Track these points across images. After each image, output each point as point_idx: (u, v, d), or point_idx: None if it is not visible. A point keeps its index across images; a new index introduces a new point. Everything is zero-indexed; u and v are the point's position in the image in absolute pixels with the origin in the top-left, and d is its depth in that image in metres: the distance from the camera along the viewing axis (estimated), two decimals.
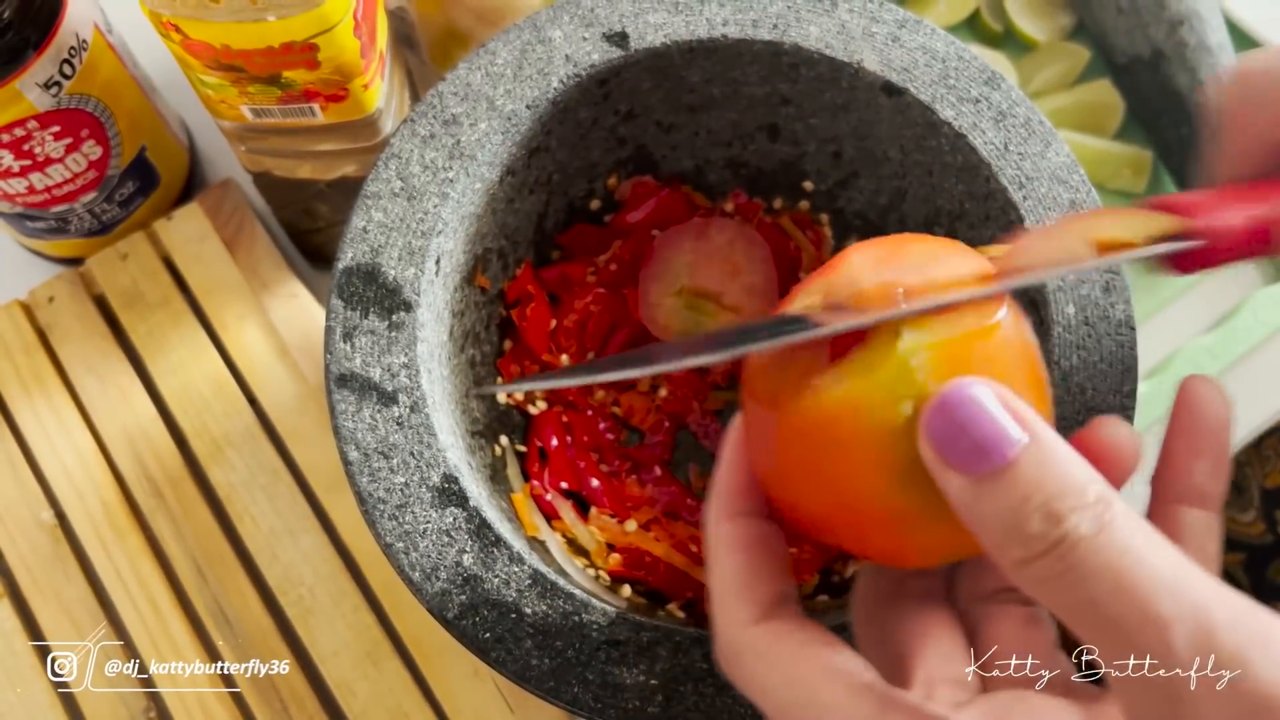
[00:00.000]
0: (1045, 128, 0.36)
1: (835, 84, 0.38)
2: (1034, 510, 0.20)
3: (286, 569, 0.42)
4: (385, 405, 0.33)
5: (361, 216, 0.35)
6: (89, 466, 0.44)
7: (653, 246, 0.43)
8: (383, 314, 0.34)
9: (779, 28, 0.37)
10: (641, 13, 0.37)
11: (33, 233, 0.47)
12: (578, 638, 0.30)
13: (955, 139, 0.36)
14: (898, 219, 0.41)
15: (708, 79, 0.39)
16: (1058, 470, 0.21)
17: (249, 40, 0.35)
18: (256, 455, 0.44)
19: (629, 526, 0.39)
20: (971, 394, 0.21)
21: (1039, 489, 0.20)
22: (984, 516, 0.21)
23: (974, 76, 0.36)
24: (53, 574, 0.43)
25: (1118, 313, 0.34)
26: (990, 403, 0.21)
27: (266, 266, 0.47)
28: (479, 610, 0.31)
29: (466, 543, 0.31)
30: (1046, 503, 0.20)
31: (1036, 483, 0.20)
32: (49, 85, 0.40)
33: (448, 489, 0.32)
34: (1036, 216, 0.35)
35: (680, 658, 0.30)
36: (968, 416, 0.21)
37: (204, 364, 0.45)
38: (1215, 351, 0.50)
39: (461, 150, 0.36)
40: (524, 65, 0.37)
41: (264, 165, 0.43)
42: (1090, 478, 0.21)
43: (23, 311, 0.47)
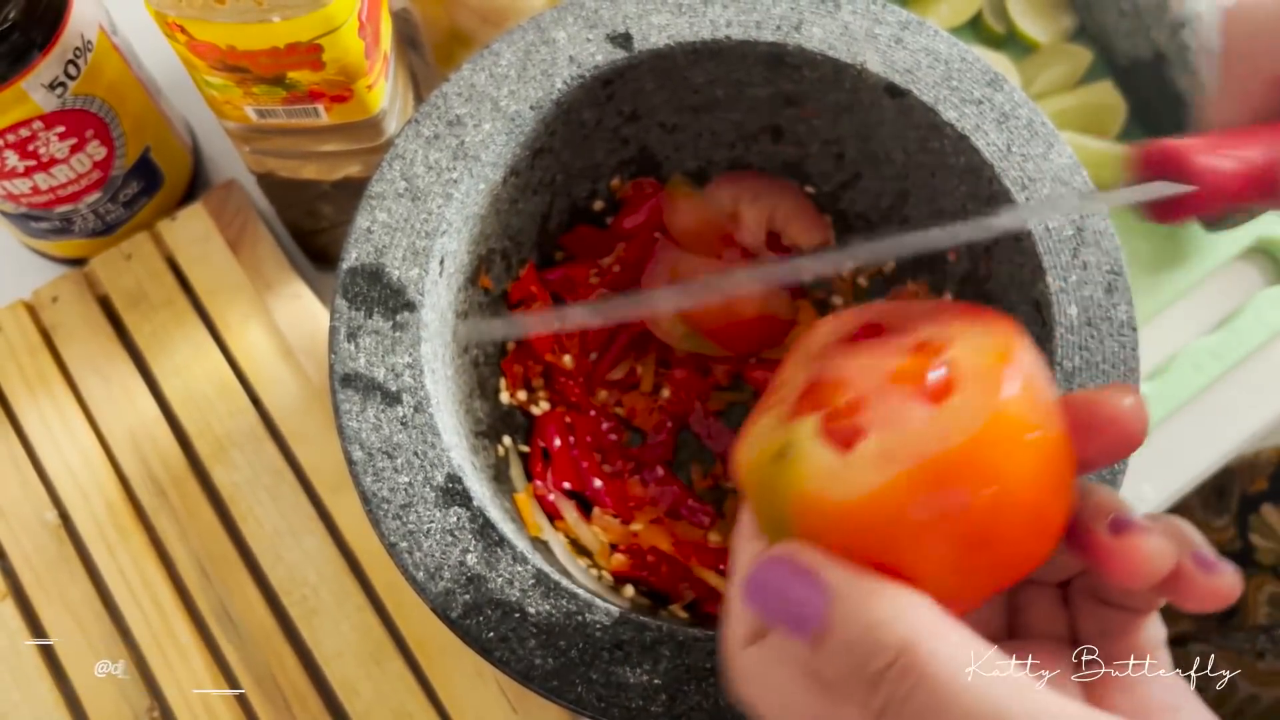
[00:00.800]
0: (1048, 129, 0.36)
1: (838, 85, 0.38)
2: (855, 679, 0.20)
3: (290, 569, 0.42)
4: (389, 405, 0.33)
5: (366, 217, 0.35)
6: (93, 466, 0.44)
7: (655, 248, 0.43)
8: (387, 314, 0.34)
9: (782, 29, 0.37)
10: (645, 14, 0.37)
11: (37, 233, 0.47)
12: (581, 637, 0.30)
13: (958, 140, 0.36)
14: (900, 220, 0.41)
15: (711, 80, 0.39)
16: (859, 635, 0.20)
17: (254, 41, 0.35)
18: (260, 455, 0.44)
19: (635, 527, 0.39)
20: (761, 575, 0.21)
21: (849, 654, 0.20)
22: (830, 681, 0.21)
23: (977, 78, 0.36)
24: (57, 574, 0.43)
25: (1120, 314, 0.34)
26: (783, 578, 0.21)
27: (270, 267, 0.47)
28: (483, 610, 0.31)
29: (470, 542, 0.31)
30: (860, 668, 0.20)
31: (846, 648, 0.20)
32: (54, 86, 0.40)
33: (452, 489, 0.32)
34: (1040, 218, 0.35)
35: (684, 657, 0.30)
36: (772, 592, 0.21)
37: (207, 364, 0.46)
38: (1217, 353, 0.50)
39: (466, 151, 0.36)
40: (528, 66, 0.37)
41: (268, 166, 0.43)
42: (891, 626, 0.20)
43: (27, 312, 0.47)
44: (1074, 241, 0.34)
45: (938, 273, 0.40)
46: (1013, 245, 0.36)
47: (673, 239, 0.43)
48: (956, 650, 0.20)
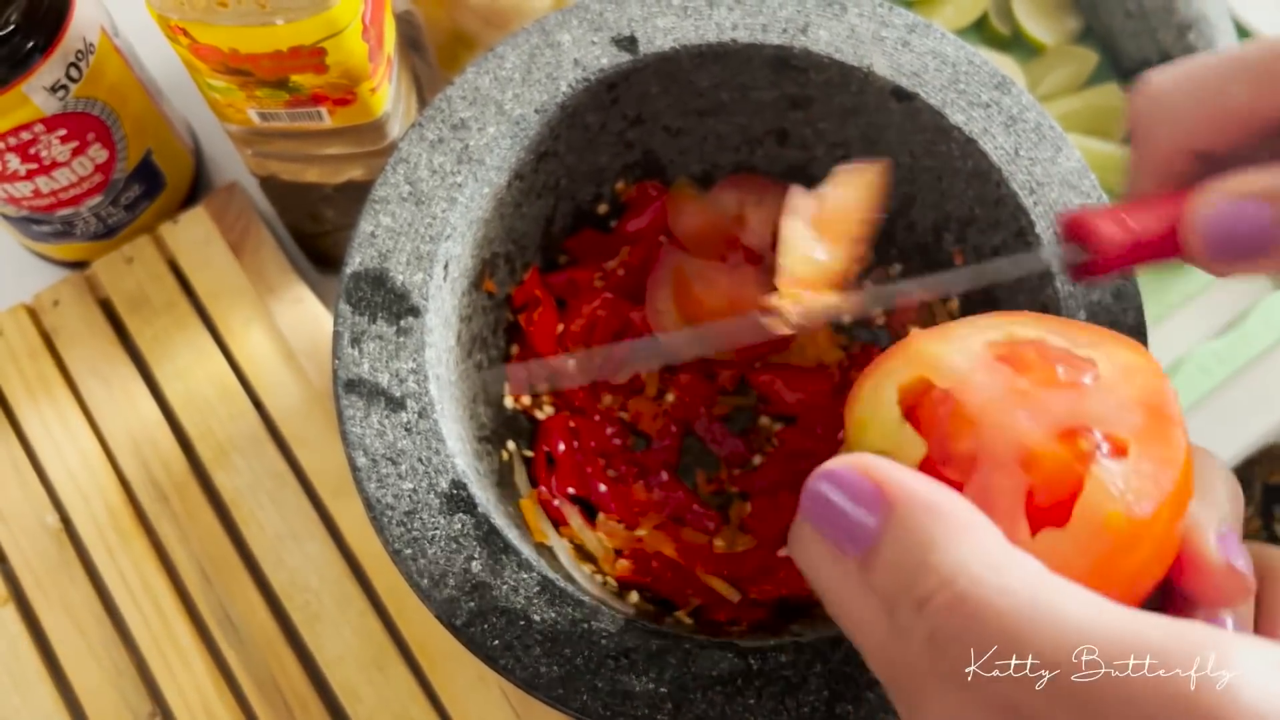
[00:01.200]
0: (1056, 132, 0.36)
1: (845, 88, 0.37)
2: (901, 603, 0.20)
3: (292, 574, 0.42)
4: (393, 411, 0.32)
5: (369, 221, 0.35)
6: (94, 470, 0.44)
7: (660, 252, 0.43)
8: (391, 319, 0.34)
9: (789, 32, 0.37)
10: (650, 17, 0.37)
11: (38, 236, 0.47)
12: (586, 645, 0.30)
13: (965, 144, 0.36)
14: (906, 225, 0.41)
15: (716, 84, 0.39)
16: (909, 557, 0.20)
17: (257, 44, 0.35)
18: (262, 460, 0.44)
19: (640, 533, 0.39)
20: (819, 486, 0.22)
21: (897, 573, 0.20)
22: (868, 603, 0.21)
23: (984, 81, 0.36)
24: (58, 578, 0.42)
25: (1129, 319, 0.34)
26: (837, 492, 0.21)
27: (272, 270, 0.47)
28: (487, 617, 0.30)
29: (475, 549, 0.31)
30: (908, 591, 0.20)
31: (895, 568, 0.20)
32: (55, 89, 0.40)
33: (456, 495, 0.32)
34: (1047, 222, 0.35)
35: (690, 665, 0.30)
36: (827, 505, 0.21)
37: (209, 368, 0.45)
38: (1224, 356, 0.49)
39: (470, 155, 0.36)
40: (532, 69, 0.37)
41: (270, 169, 0.43)
42: (944, 551, 0.20)
43: (28, 315, 0.47)
44: None
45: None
46: (1021, 249, 0.35)
47: (678, 242, 0.43)
48: (1014, 581, 0.19)
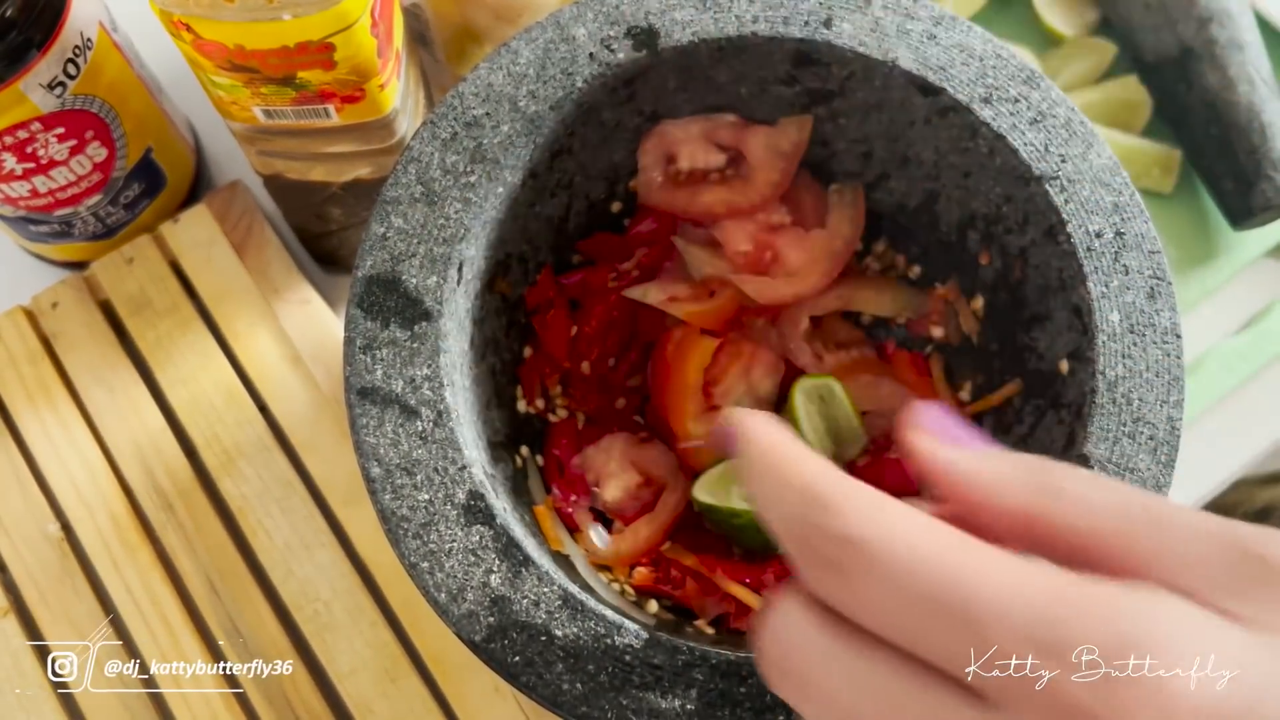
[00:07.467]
0: (1086, 128, 0.35)
1: (868, 83, 0.36)
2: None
3: (302, 584, 0.41)
4: (408, 419, 0.31)
5: (381, 223, 0.34)
6: (96, 478, 0.43)
7: (674, 252, 0.42)
8: (404, 324, 0.33)
9: (811, 25, 0.36)
10: (668, 9, 0.36)
11: (36, 237, 0.46)
12: (610, 661, 0.29)
13: (994, 140, 0.35)
14: (929, 222, 0.40)
15: (735, 78, 0.38)
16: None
17: (263, 40, 0.34)
18: (269, 466, 0.42)
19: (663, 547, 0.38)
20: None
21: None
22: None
23: (1013, 75, 0.35)
24: (60, 589, 0.41)
25: (1164, 320, 0.33)
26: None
27: (277, 271, 0.46)
28: (508, 633, 0.29)
29: (494, 562, 0.30)
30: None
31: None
32: (53, 86, 0.39)
33: (474, 506, 0.31)
34: (1079, 221, 0.34)
35: (717, 681, 0.29)
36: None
37: (214, 372, 0.44)
38: (1245, 354, 0.49)
39: (483, 153, 0.35)
40: (547, 65, 0.35)
41: (275, 168, 0.42)
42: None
43: (26, 318, 0.45)
44: (1115, 245, 0.33)
45: (968, 275, 0.39)
46: (1051, 248, 0.34)
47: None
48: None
